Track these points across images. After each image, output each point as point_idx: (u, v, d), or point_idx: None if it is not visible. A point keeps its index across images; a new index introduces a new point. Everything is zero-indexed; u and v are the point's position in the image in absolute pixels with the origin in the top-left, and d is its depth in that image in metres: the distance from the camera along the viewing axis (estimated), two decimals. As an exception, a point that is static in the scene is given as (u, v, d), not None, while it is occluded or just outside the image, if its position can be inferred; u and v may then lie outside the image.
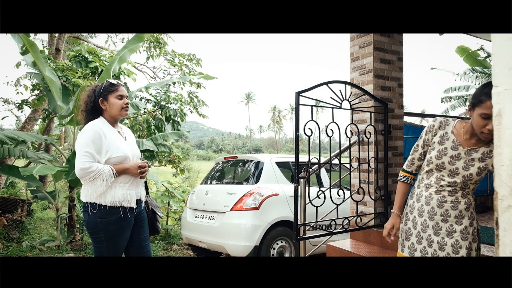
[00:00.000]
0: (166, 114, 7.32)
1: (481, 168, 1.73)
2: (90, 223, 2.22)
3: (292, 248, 4.29)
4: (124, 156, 2.27)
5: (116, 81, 2.39)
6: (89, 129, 2.20)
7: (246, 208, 4.10)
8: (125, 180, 2.27)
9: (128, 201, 2.26)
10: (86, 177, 2.13)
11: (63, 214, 5.57)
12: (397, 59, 3.55)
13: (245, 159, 4.82)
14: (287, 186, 4.44)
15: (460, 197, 1.77)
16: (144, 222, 2.44)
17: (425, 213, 1.84)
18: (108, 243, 2.23)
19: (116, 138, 2.30)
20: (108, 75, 5.79)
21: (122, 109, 2.32)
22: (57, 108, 5.64)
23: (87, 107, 2.33)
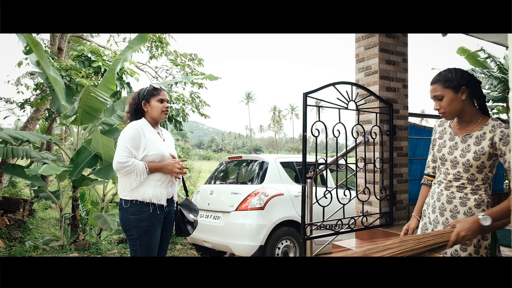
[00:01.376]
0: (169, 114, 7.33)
1: (477, 152, 1.69)
2: (123, 221, 2.33)
3: (297, 247, 4.31)
4: (160, 155, 2.37)
5: (159, 85, 2.50)
6: (130, 128, 2.34)
7: (251, 208, 4.12)
8: (157, 178, 2.35)
9: (158, 198, 2.33)
10: (121, 170, 2.25)
11: (66, 214, 5.58)
12: (402, 60, 3.58)
13: (250, 159, 4.84)
14: (291, 186, 4.46)
15: (469, 194, 1.72)
16: (170, 223, 2.53)
17: (436, 209, 1.83)
18: (141, 240, 2.31)
19: (155, 138, 2.41)
20: (112, 75, 5.81)
21: (162, 112, 2.43)
22: (61, 108, 5.65)
23: (131, 109, 2.47)
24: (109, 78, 5.84)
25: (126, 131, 2.34)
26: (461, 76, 1.68)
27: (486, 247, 1.69)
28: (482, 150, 1.67)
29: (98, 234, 6.02)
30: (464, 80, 1.67)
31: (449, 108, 1.69)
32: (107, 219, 5.41)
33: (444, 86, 1.68)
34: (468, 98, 1.69)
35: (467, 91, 1.67)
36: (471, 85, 1.69)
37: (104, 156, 5.26)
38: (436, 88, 1.70)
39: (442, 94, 1.68)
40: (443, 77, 1.70)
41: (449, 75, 1.69)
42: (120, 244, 5.67)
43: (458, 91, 1.67)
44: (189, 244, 5.74)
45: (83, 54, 6.45)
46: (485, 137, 1.67)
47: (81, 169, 5.39)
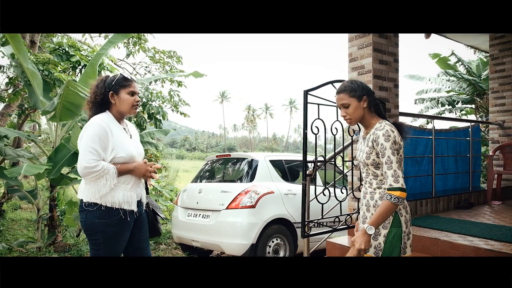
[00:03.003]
0: (149, 112, 7.16)
1: (367, 152, 1.92)
2: (88, 224, 2.10)
3: (287, 245, 4.32)
4: (129, 157, 2.16)
5: (130, 75, 2.27)
6: (95, 124, 2.08)
7: (242, 206, 4.09)
8: (126, 181, 2.16)
9: (129, 203, 2.14)
10: (89, 176, 2.01)
11: (43, 214, 5.33)
12: (393, 61, 3.67)
13: (239, 157, 4.81)
14: (281, 184, 4.47)
15: (376, 188, 1.93)
16: (144, 223, 2.34)
17: (361, 205, 2.05)
18: (105, 245, 2.11)
19: (122, 136, 2.18)
20: (93, 70, 5.60)
21: (132, 107, 2.21)
22: (38, 103, 5.38)
23: (96, 99, 2.19)
24: (89, 73, 5.62)
25: (91, 129, 2.06)
26: (362, 87, 1.94)
27: (384, 235, 1.86)
28: (370, 150, 1.90)
29: (78, 235, 5.79)
30: (364, 90, 1.93)
31: (354, 115, 1.93)
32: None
33: (350, 95, 1.92)
34: (367, 105, 1.93)
35: (368, 99, 1.93)
36: (369, 94, 1.94)
37: None
38: (343, 97, 1.94)
39: (349, 103, 1.92)
40: (349, 88, 1.93)
41: (352, 85, 1.93)
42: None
43: (361, 100, 1.91)
44: (174, 243, 5.63)
45: (61, 47, 6.18)
46: (370, 139, 1.91)
47: (60, 168, 5.16)
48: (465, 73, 11.70)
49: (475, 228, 3.24)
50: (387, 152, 1.82)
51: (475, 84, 11.15)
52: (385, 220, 1.83)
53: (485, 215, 3.93)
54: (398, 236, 1.86)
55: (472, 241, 2.87)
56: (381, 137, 1.84)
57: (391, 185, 1.79)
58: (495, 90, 5.45)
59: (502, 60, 5.35)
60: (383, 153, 1.83)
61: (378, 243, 1.88)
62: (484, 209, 4.32)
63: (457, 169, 4.94)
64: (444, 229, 3.24)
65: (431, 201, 4.09)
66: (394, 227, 1.87)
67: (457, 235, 3.06)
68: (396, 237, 1.86)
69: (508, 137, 5.25)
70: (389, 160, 1.81)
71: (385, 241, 1.86)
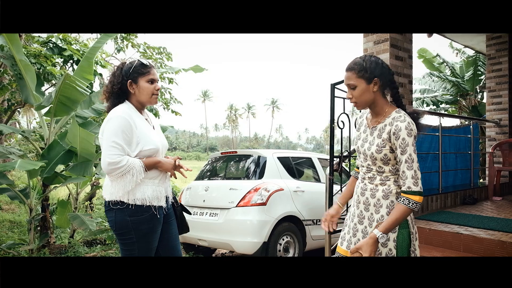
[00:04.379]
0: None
1: (379, 145, 1.67)
2: (119, 223, 1.96)
3: (297, 243, 4.27)
4: (156, 149, 2.02)
5: (147, 61, 2.08)
6: (118, 117, 1.92)
7: (252, 203, 4.00)
8: (153, 176, 2.02)
9: (158, 198, 2.02)
10: (114, 172, 1.88)
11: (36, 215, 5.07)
12: (407, 57, 3.68)
13: (246, 154, 4.73)
14: (290, 181, 4.42)
15: (379, 185, 1.71)
16: (172, 219, 2.20)
17: (354, 202, 1.83)
18: (140, 244, 1.99)
19: (146, 127, 2.03)
20: (89, 63, 5.36)
21: (152, 95, 2.04)
22: (30, 98, 5.11)
23: (113, 89, 2.02)
24: (85, 67, 5.38)
25: (113, 123, 1.91)
26: (375, 66, 1.65)
27: (394, 240, 1.67)
28: (383, 143, 1.65)
29: (72, 235, 5.54)
30: (377, 71, 1.65)
31: (361, 99, 1.67)
32: (84, 219, 4.99)
33: (357, 75, 1.64)
34: (380, 89, 1.67)
35: (380, 82, 1.65)
36: (383, 76, 1.66)
37: (81, 151, 4.86)
38: (350, 76, 1.66)
39: (355, 84, 1.65)
40: (358, 66, 1.66)
41: (364, 64, 1.65)
42: (99, 246, 5.27)
43: (371, 82, 1.64)
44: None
45: (51, 40, 5.92)
46: (385, 130, 1.65)
47: (53, 166, 4.93)
48: (449, 74, 12.03)
49: (491, 223, 3.28)
50: (409, 149, 1.58)
51: (458, 85, 11.48)
52: None
53: (492, 210, 4.01)
54: (408, 238, 1.68)
55: (494, 235, 2.90)
56: (403, 130, 1.59)
57: (410, 188, 1.57)
58: (492, 89, 5.59)
59: (499, 60, 5.49)
60: (404, 149, 1.59)
61: (389, 250, 1.67)
62: (488, 204, 4.41)
63: (457, 165, 5.03)
64: (462, 224, 3.26)
65: (440, 197, 4.14)
66: (403, 228, 1.68)
67: (477, 229, 3.09)
68: (406, 240, 1.68)
69: (505, 135, 5.39)
70: (410, 158, 1.58)
71: (396, 246, 1.67)
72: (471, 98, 11.74)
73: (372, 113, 1.74)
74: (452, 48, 11.89)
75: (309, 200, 4.44)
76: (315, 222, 4.46)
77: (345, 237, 1.84)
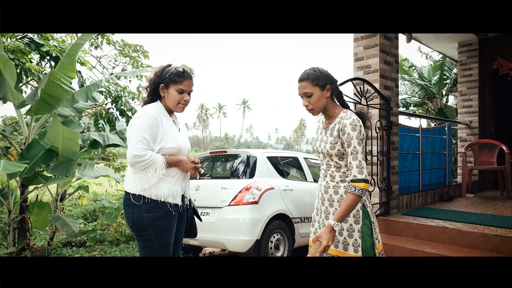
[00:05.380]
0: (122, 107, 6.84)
1: (332, 142, 1.86)
2: (136, 220, 2.04)
3: (286, 240, 4.38)
4: (177, 148, 2.12)
5: (186, 72, 2.15)
6: (146, 114, 2.04)
7: (245, 202, 4.07)
8: (172, 174, 2.11)
9: (174, 196, 2.09)
10: (137, 165, 1.97)
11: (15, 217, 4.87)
12: (394, 61, 3.88)
13: (235, 153, 4.78)
14: (279, 180, 4.52)
15: (339, 182, 1.88)
16: (184, 219, 2.27)
17: (319, 200, 2.00)
18: (158, 240, 2.05)
19: (172, 127, 2.15)
20: (71, 61, 5.22)
21: (178, 105, 2.14)
22: (7, 95, 4.90)
23: (150, 87, 2.17)
24: (67, 64, 5.23)
25: (142, 118, 2.04)
26: (326, 75, 1.86)
27: (358, 231, 1.85)
28: (335, 140, 1.85)
29: (52, 237, 5.36)
30: (328, 79, 1.85)
31: (317, 105, 1.85)
32: (67, 221, 4.86)
33: (312, 84, 1.82)
34: (331, 95, 1.88)
35: (331, 88, 1.86)
36: (333, 84, 1.87)
37: (62, 150, 4.75)
38: (305, 85, 1.84)
39: (311, 92, 1.83)
40: (312, 75, 1.84)
41: (316, 73, 1.84)
42: (81, 248, 5.13)
43: (324, 89, 1.83)
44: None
45: (27, 35, 5.69)
46: (335, 128, 1.85)
47: (34, 166, 4.77)
48: (417, 77, 12.62)
49: (471, 217, 3.54)
50: (353, 142, 1.78)
51: (426, 88, 12.07)
52: (350, 214, 1.80)
53: (469, 206, 4.30)
54: (370, 228, 1.85)
55: (477, 228, 3.14)
56: (348, 126, 1.78)
57: (355, 176, 1.75)
58: (463, 93, 5.97)
59: (470, 66, 5.88)
60: (349, 142, 1.78)
61: (355, 240, 1.84)
62: (463, 201, 4.73)
63: (432, 165, 5.34)
64: (445, 219, 3.50)
65: (421, 194, 4.39)
66: (365, 219, 1.86)
67: (460, 223, 3.33)
68: (369, 229, 1.85)
69: (475, 136, 5.78)
70: (355, 150, 1.77)
71: (361, 237, 1.84)
72: (438, 101, 12.37)
73: (325, 116, 1.95)
74: (421, 52, 12.47)
75: (297, 198, 4.57)
76: (303, 219, 4.59)
77: (317, 232, 2.00)
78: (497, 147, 5.14)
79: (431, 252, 3.00)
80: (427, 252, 3.02)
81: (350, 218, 1.86)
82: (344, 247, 1.86)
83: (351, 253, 1.83)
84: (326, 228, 1.72)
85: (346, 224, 1.86)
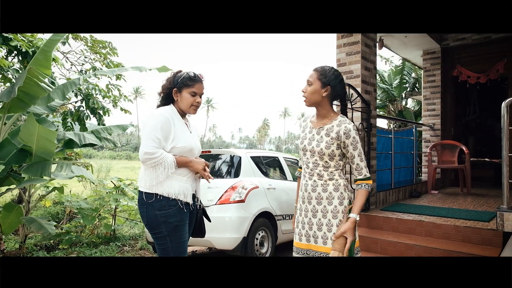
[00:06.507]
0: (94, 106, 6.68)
1: (328, 142, 1.95)
2: (150, 218, 2.15)
3: (270, 237, 4.54)
4: (188, 147, 2.23)
5: (197, 75, 2.28)
6: (160, 115, 2.16)
7: (232, 201, 4.18)
8: (183, 173, 2.21)
9: (185, 194, 2.19)
10: (148, 161, 2.09)
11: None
12: (373, 68, 4.16)
13: (220, 153, 4.86)
14: (263, 179, 4.67)
15: (328, 180, 1.97)
16: (193, 220, 2.36)
17: (305, 199, 2.05)
18: (171, 237, 2.14)
19: (183, 128, 2.26)
20: (46, 57, 5.04)
21: (191, 106, 2.26)
22: (-24, 92, 4.67)
23: (163, 92, 2.29)
24: (41, 60, 5.03)
25: (155, 118, 2.15)
26: (334, 79, 1.97)
27: (342, 211, 1.95)
28: (332, 141, 1.95)
29: (24, 240, 5.14)
30: (333, 82, 1.96)
31: (310, 96, 1.98)
32: (42, 223, 4.71)
33: (318, 77, 1.97)
34: (328, 96, 1.97)
35: (329, 91, 1.96)
36: (335, 89, 1.97)
37: (37, 150, 4.61)
38: (312, 74, 1.99)
39: (313, 82, 1.97)
40: (321, 70, 1.98)
41: (327, 72, 1.97)
42: (58, 251, 4.97)
43: (324, 87, 1.95)
44: (137, 245, 5.40)
45: (-7, 29, 5.42)
46: (333, 130, 1.96)
47: (6, 166, 4.59)
48: (379, 81, 13.29)
49: (441, 211, 3.89)
50: (359, 146, 1.93)
51: (388, 91, 12.75)
52: (336, 210, 1.93)
53: (436, 201, 4.69)
54: None
55: (448, 221, 3.47)
56: (352, 130, 1.92)
57: (366, 175, 1.93)
58: (427, 97, 6.44)
59: (433, 73, 6.36)
60: (355, 146, 1.93)
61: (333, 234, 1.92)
62: (430, 197, 5.13)
63: (401, 164, 5.73)
64: (419, 213, 3.82)
65: (394, 191, 4.72)
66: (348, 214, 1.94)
67: (433, 217, 3.66)
68: None
69: (437, 137, 6.26)
70: (361, 152, 1.94)
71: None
72: (398, 103, 13.09)
73: (318, 115, 2.04)
74: (381, 57, 13.13)
75: (280, 196, 4.74)
76: (284, 217, 4.77)
77: (302, 232, 2.06)
78: (458, 148, 5.62)
79: (411, 244, 3.28)
80: (407, 244, 3.30)
81: (328, 214, 1.94)
82: (323, 241, 1.94)
83: (329, 247, 1.90)
84: (351, 224, 1.84)
85: (325, 219, 1.95)
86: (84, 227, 5.62)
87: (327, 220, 1.95)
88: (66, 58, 8.97)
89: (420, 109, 11.43)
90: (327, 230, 1.94)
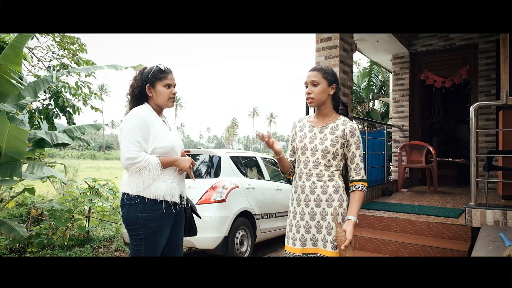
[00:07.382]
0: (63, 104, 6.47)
1: (333, 140, 1.94)
2: (130, 219, 2.08)
3: (249, 236, 4.61)
4: (170, 147, 2.16)
5: (166, 67, 2.21)
6: (135, 115, 2.07)
7: (213, 200, 4.21)
8: (169, 173, 2.16)
9: (172, 195, 2.15)
10: (131, 167, 2.01)
11: None
12: (350, 71, 4.33)
13: (199, 153, 4.87)
14: (242, 179, 4.73)
15: (327, 181, 1.94)
16: (182, 220, 2.34)
17: (302, 202, 1.99)
18: (147, 241, 2.10)
19: (162, 127, 2.19)
20: (16, 53, 4.83)
21: (169, 99, 2.19)
22: None
23: (134, 92, 2.19)
24: (11, 56, 4.82)
25: (131, 120, 2.06)
26: (335, 77, 2.01)
27: (342, 214, 1.94)
28: (336, 139, 1.94)
29: (-9, 245, 4.90)
30: (336, 80, 2.00)
31: (319, 96, 1.94)
32: (13, 226, 4.53)
33: (323, 76, 1.94)
34: (332, 94, 1.99)
35: (336, 89, 1.99)
36: (338, 87, 2.02)
37: (6, 150, 4.44)
38: (316, 75, 1.95)
39: (319, 82, 1.94)
40: (324, 69, 1.97)
41: (327, 70, 1.98)
42: (29, 254, 4.78)
43: (331, 85, 1.96)
44: (113, 246, 5.30)
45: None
46: (338, 128, 1.96)
47: (-27, 167, 4.38)
48: (349, 83, 13.72)
49: (414, 209, 4.12)
50: (361, 146, 1.95)
51: (356, 92, 13.19)
52: (335, 212, 1.92)
53: (407, 199, 4.95)
54: None
55: (421, 217, 3.69)
56: (357, 130, 1.93)
57: (363, 176, 1.94)
58: (396, 100, 6.75)
59: (402, 76, 6.67)
60: (359, 145, 1.95)
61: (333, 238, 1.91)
62: (400, 195, 5.40)
63: (373, 163, 5.98)
64: (393, 210, 4.02)
65: (368, 190, 4.93)
66: None
67: (407, 214, 3.87)
68: None
69: (406, 138, 6.58)
70: (362, 153, 1.96)
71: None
72: (366, 105, 13.56)
73: (319, 114, 2.02)
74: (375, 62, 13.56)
75: (258, 196, 4.83)
76: (262, 216, 4.86)
77: (296, 236, 1.98)
78: (425, 148, 5.94)
79: (387, 240, 3.46)
80: (383, 239, 3.48)
81: (328, 216, 1.91)
82: (323, 244, 1.92)
83: (329, 250, 1.88)
84: (351, 226, 1.84)
85: (324, 222, 1.92)
86: (55, 229, 5.43)
87: (326, 223, 1.92)
88: (32, 54, 8.62)
89: (387, 110, 11.92)
90: (326, 233, 1.90)
